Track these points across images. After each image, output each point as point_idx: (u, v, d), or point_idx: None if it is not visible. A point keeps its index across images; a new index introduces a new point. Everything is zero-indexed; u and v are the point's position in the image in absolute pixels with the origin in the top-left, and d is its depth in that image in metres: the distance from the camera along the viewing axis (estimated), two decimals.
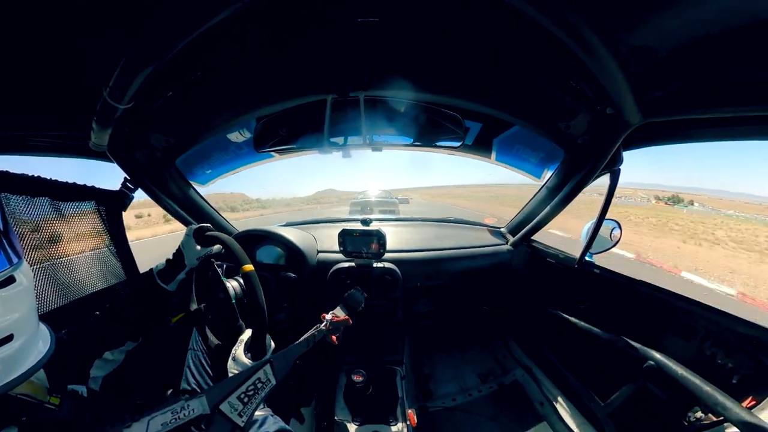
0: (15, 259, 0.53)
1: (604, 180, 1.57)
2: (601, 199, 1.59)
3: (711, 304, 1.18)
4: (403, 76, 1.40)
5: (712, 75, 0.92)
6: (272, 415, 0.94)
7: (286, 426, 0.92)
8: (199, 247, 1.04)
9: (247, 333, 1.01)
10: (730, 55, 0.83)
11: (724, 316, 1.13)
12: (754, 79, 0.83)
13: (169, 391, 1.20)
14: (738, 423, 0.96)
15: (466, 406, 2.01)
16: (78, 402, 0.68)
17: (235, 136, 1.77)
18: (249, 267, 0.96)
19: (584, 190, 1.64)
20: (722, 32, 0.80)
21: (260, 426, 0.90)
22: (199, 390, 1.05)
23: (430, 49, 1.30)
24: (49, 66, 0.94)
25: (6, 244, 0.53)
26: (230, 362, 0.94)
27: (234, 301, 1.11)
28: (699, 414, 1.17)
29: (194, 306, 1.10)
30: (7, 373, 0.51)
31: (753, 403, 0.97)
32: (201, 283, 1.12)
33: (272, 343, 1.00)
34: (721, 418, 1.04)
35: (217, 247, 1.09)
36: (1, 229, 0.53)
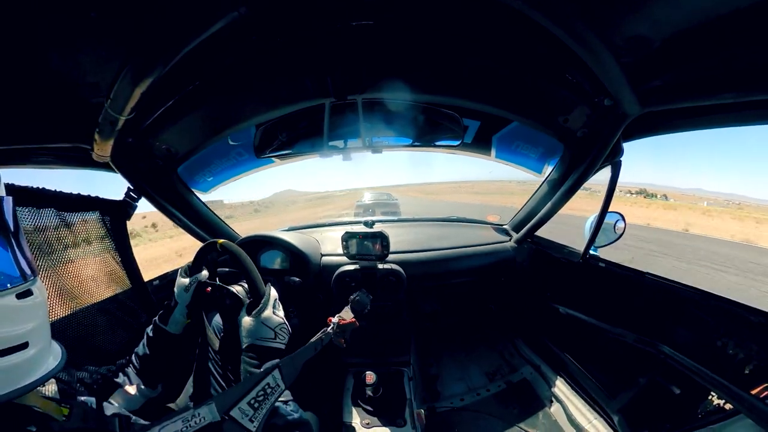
0: (31, 276, 0.57)
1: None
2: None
3: (721, 294, 1.17)
4: (400, 78, 1.41)
5: (710, 62, 0.91)
6: (286, 404, 0.92)
7: (302, 416, 0.91)
8: (186, 281, 1.07)
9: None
10: (726, 40, 0.83)
11: (734, 305, 1.11)
12: (753, 64, 0.82)
13: (178, 398, 1.21)
14: (753, 414, 0.94)
15: (474, 406, 1.99)
16: (87, 413, 0.68)
17: None
18: (222, 240, 1.05)
19: None
20: (717, 18, 0.80)
21: (273, 417, 0.89)
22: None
23: (424, 49, 1.31)
24: (51, 80, 0.96)
25: (23, 260, 0.56)
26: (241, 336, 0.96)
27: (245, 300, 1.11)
28: (711, 406, 1.15)
29: (216, 342, 1.12)
30: (20, 379, 0.53)
31: (767, 393, 0.95)
32: (205, 305, 1.13)
33: (273, 291, 1.01)
34: (735, 409, 1.03)
35: (204, 274, 1.12)
36: (20, 246, 0.57)
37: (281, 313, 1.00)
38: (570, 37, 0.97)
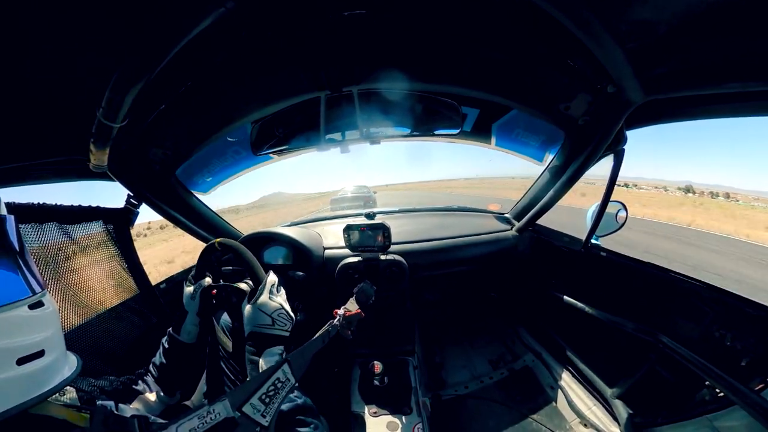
0: (38, 288, 0.59)
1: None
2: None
3: (720, 286, 1.16)
4: (395, 67, 1.37)
5: (717, 49, 0.86)
6: (291, 391, 0.89)
7: (305, 401, 0.90)
8: (191, 289, 1.08)
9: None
10: (734, 28, 0.78)
11: (734, 297, 1.11)
12: (760, 54, 0.78)
13: (193, 396, 1.25)
14: (747, 405, 0.95)
15: (478, 393, 2.04)
16: (107, 416, 0.69)
17: None
18: (218, 239, 1.08)
19: None
20: (726, 4, 0.75)
21: None
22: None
23: (420, 36, 1.26)
24: (41, 94, 0.95)
25: (31, 275, 0.58)
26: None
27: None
28: (708, 397, 1.17)
29: (226, 340, 1.13)
30: (39, 387, 0.55)
31: (762, 386, 0.96)
32: (214, 308, 1.14)
33: (271, 276, 1.00)
34: (730, 400, 1.04)
35: (207, 280, 1.13)
36: (26, 263, 0.58)
37: (279, 298, 0.98)
38: (572, 21, 0.92)
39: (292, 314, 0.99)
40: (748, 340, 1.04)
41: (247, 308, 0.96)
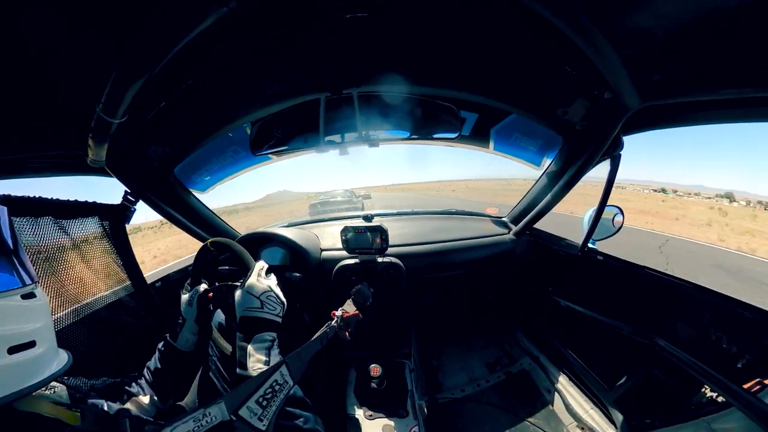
0: (29, 281, 0.59)
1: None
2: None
3: (716, 289, 1.18)
4: (395, 71, 1.39)
5: (713, 56, 0.88)
6: None
7: (295, 391, 0.88)
8: (186, 296, 1.07)
9: None
10: (730, 35, 0.80)
11: (730, 300, 1.13)
12: (756, 61, 0.80)
13: (186, 397, 1.23)
14: (743, 407, 0.96)
15: (475, 396, 2.04)
16: (98, 415, 0.67)
17: None
18: (210, 240, 1.09)
19: None
20: (721, 12, 0.77)
21: None
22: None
23: (420, 41, 1.28)
24: (41, 87, 0.95)
25: (22, 267, 0.58)
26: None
27: None
28: (704, 399, 1.18)
29: (220, 339, 1.10)
30: (28, 378, 0.54)
31: (758, 387, 0.97)
32: (211, 310, 1.12)
33: (261, 263, 0.99)
34: (727, 402, 1.05)
35: (203, 286, 1.11)
36: (17, 255, 0.58)
37: (268, 282, 0.94)
38: (571, 28, 0.94)
39: (283, 299, 0.96)
40: (744, 342, 1.05)
41: (237, 293, 0.93)
